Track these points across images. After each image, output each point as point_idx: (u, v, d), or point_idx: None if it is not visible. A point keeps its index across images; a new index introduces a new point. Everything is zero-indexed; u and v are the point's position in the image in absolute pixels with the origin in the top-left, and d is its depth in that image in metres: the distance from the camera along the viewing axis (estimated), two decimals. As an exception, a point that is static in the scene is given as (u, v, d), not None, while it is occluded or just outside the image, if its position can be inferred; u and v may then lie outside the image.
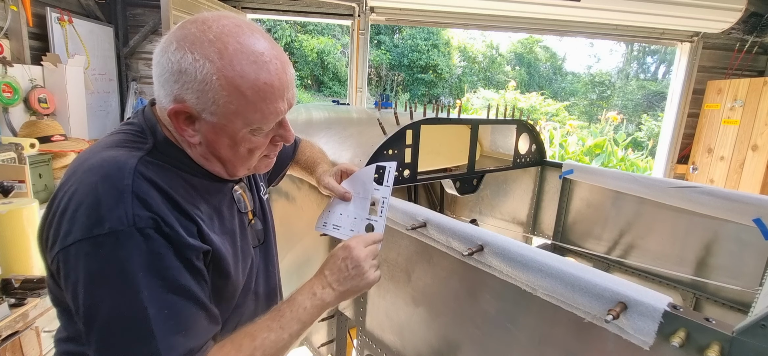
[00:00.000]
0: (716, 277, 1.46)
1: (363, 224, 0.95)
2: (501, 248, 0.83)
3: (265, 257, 0.92)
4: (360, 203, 0.98)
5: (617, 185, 1.68)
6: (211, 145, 0.70)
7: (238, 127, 0.67)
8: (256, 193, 0.93)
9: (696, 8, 3.53)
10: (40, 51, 2.88)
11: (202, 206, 0.72)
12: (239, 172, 0.76)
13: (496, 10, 3.82)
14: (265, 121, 0.68)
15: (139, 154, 0.66)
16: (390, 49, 12.79)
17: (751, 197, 1.33)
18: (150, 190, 0.62)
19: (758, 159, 3.58)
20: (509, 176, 2.09)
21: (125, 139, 0.69)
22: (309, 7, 3.76)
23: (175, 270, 0.62)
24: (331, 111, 1.86)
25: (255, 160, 0.75)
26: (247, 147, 0.71)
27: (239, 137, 0.68)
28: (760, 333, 0.53)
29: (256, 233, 0.89)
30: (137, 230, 0.58)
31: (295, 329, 0.73)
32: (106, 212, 0.58)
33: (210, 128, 0.67)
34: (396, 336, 1.20)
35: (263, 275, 0.91)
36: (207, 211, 0.73)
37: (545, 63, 15.05)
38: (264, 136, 0.72)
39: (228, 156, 0.72)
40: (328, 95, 12.12)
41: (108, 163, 0.62)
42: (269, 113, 0.67)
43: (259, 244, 0.89)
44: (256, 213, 0.91)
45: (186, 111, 0.66)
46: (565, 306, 0.73)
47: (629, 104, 12.94)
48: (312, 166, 1.16)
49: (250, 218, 0.87)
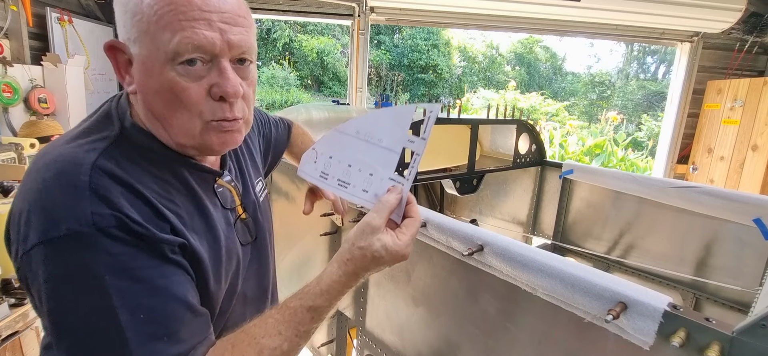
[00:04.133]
0: (716, 277, 1.46)
1: (384, 185, 0.70)
2: (501, 248, 0.83)
3: (258, 257, 0.83)
4: (380, 154, 0.71)
5: (617, 185, 1.68)
6: (143, 93, 0.60)
7: (155, 56, 0.57)
8: (250, 187, 0.83)
9: (696, 8, 3.53)
10: (40, 51, 2.87)
11: (179, 200, 0.63)
12: (181, 137, 0.62)
13: (496, 10, 3.82)
14: (177, 44, 0.56)
15: (102, 145, 0.58)
16: (390, 49, 12.79)
17: (751, 197, 1.33)
18: (112, 185, 0.54)
19: (758, 159, 3.58)
20: (509, 176, 2.09)
21: (89, 128, 0.61)
22: (309, 7, 3.76)
23: (150, 269, 0.54)
24: (331, 111, 1.86)
25: (195, 120, 0.61)
26: (176, 93, 0.58)
27: (162, 74, 0.57)
28: (760, 333, 0.53)
29: (247, 230, 0.79)
30: (99, 230, 0.51)
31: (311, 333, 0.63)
32: (62, 212, 0.51)
33: (140, 65, 0.59)
34: (396, 336, 1.20)
35: (254, 276, 0.82)
36: (186, 207, 0.64)
37: (545, 63, 15.06)
38: (193, 79, 0.58)
39: (159, 109, 0.60)
40: (328, 95, 12.13)
41: (64, 158, 0.55)
42: (181, 30, 0.56)
43: (250, 241, 0.79)
44: (248, 209, 0.80)
45: (115, 45, 0.60)
46: (565, 306, 0.73)
47: (629, 104, 12.95)
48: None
49: (239, 214, 0.77)
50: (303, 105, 2.08)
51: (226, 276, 0.70)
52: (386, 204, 0.66)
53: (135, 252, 0.54)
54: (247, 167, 0.85)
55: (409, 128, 0.69)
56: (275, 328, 0.60)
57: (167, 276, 0.56)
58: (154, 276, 0.55)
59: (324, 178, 0.73)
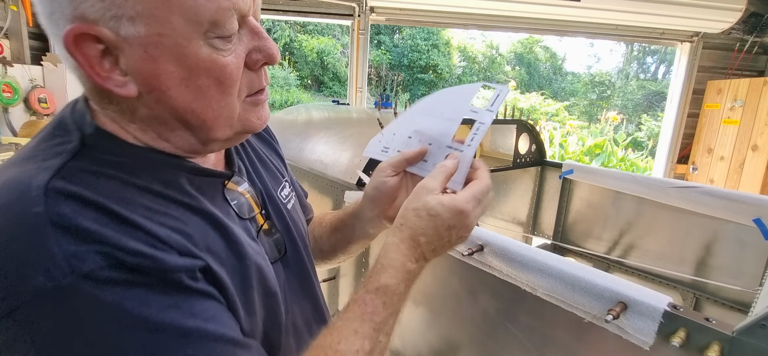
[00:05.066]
0: (716, 277, 1.46)
1: (442, 153, 0.67)
2: (501, 248, 0.83)
3: (298, 275, 0.66)
4: (441, 125, 0.68)
5: (617, 185, 1.68)
6: (154, 88, 0.44)
7: (183, 32, 0.42)
8: (272, 191, 0.66)
9: (696, 8, 3.53)
10: (40, 51, 2.87)
11: (181, 214, 0.47)
12: (218, 131, 0.49)
13: (496, 10, 3.82)
14: (216, 10, 0.43)
15: (57, 163, 0.42)
16: (390, 49, 12.80)
17: (751, 197, 1.33)
18: (80, 211, 0.39)
19: (758, 159, 3.58)
20: (509, 176, 2.09)
21: (37, 146, 0.45)
22: (309, 7, 3.76)
23: (170, 310, 0.40)
24: (331, 111, 1.86)
25: (236, 103, 0.49)
26: (217, 75, 0.45)
27: (191, 52, 0.43)
28: (760, 333, 0.53)
29: (274, 244, 0.62)
30: (84, 277, 0.36)
31: (391, 324, 0.54)
32: (21, 267, 0.36)
33: (142, 52, 0.42)
34: (396, 336, 1.20)
35: (298, 298, 0.65)
36: (192, 222, 0.48)
37: (545, 63, 15.06)
38: (230, 52, 0.46)
39: (187, 103, 0.46)
40: (328, 95, 12.13)
41: (8, 188, 0.40)
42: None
43: (278, 257, 0.62)
44: (273, 217, 0.64)
45: (91, 33, 0.40)
46: (565, 306, 0.73)
47: (629, 104, 12.95)
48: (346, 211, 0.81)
49: (260, 223, 0.60)
50: (303, 105, 2.08)
51: (262, 303, 0.54)
52: (442, 168, 0.61)
53: (143, 294, 0.39)
54: (259, 167, 0.68)
55: (473, 103, 0.69)
56: (349, 328, 0.50)
57: (196, 313, 0.42)
58: (179, 318, 0.40)
59: (385, 151, 0.71)
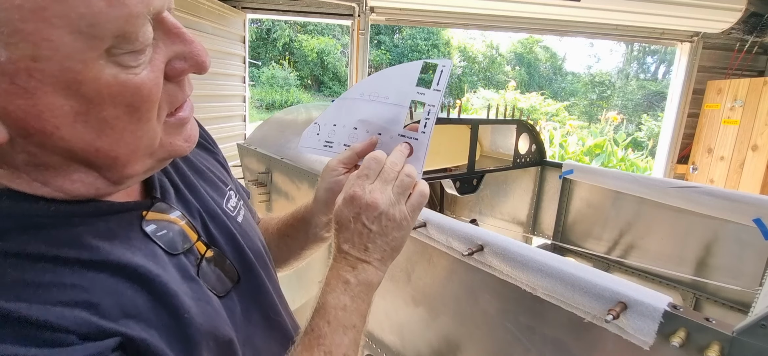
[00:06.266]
0: (716, 277, 1.46)
1: (395, 142, 0.61)
2: (501, 248, 0.83)
3: (258, 300, 0.56)
4: (387, 111, 0.62)
5: (617, 185, 1.68)
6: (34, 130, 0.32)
7: (72, 52, 0.30)
8: (214, 207, 0.55)
9: (696, 8, 3.52)
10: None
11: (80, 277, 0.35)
12: (136, 165, 0.39)
13: (496, 10, 3.82)
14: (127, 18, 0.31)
15: None
16: (390, 49, 12.81)
17: (751, 197, 1.33)
18: None
19: (758, 159, 3.58)
20: (509, 176, 2.09)
21: None
22: (309, 7, 3.76)
23: None
24: (331, 111, 1.86)
25: (156, 128, 0.38)
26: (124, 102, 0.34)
27: (89, 78, 0.31)
28: (760, 333, 0.53)
29: (223, 272, 0.51)
30: None
31: (346, 342, 0.48)
32: None
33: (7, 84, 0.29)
34: (396, 336, 1.20)
35: (260, 327, 0.56)
36: (98, 282, 0.36)
37: (545, 63, 15.07)
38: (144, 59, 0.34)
39: (88, 140, 0.34)
40: (328, 95, 12.14)
41: None
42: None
43: (232, 286, 0.52)
44: (213, 240, 0.52)
45: None
46: (565, 306, 0.73)
47: (629, 104, 12.95)
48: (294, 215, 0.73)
49: (201, 252, 0.49)
50: (303, 105, 2.08)
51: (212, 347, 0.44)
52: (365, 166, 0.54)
53: None
54: (194, 181, 0.55)
55: (417, 84, 0.63)
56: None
57: None
58: None
59: (328, 147, 0.65)
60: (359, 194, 0.50)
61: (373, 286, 0.52)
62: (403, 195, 0.53)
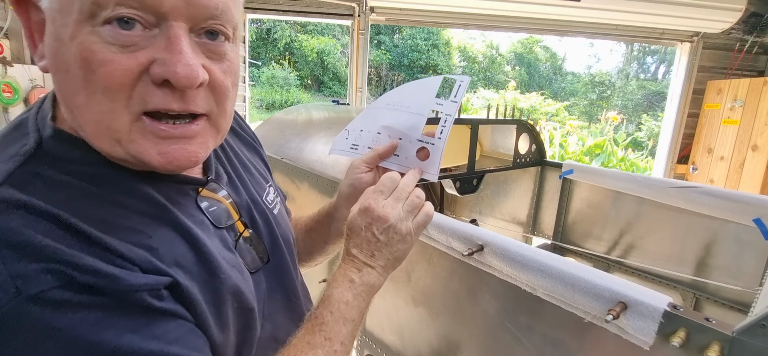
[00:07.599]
0: (716, 277, 1.46)
1: (414, 147, 0.70)
2: (501, 248, 0.83)
3: (280, 283, 0.63)
4: (408, 119, 0.71)
5: (617, 185, 1.68)
6: (52, 70, 0.42)
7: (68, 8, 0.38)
8: (256, 195, 0.63)
9: (696, 8, 3.53)
10: (40, 51, 2.88)
11: (146, 226, 0.44)
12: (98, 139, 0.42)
13: (496, 10, 3.82)
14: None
15: (8, 167, 0.39)
16: (390, 49, 12.81)
17: (751, 197, 1.33)
18: (31, 223, 0.36)
19: (758, 159, 3.58)
20: (509, 176, 2.09)
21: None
22: (309, 7, 3.76)
23: (129, 335, 0.37)
24: (331, 111, 1.86)
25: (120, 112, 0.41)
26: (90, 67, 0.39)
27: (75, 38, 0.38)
28: (760, 333, 0.53)
29: (254, 251, 0.59)
30: (30, 300, 0.33)
31: (344, 332, 0.53)
32: None
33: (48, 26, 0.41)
34: (396, 336, 1.20)
35: (282, 308, 0.63)
36: (159, 233, 0.44)
37: (545, 63, 15.06)
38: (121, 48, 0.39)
39: (69, 94, 0.41)
40: (328, 95, 12.14)
41: None
42: None
43: (260, 266, 0.59)
44: (253, 224, 0.61)
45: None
46: (565, 306, 0.73)
47: (629, 104, 12.95)
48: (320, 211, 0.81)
49: (240, 231, 0.57)
50: (303, 105, 2.08)
51: (236, 319, 0.51)
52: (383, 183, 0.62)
53: (98, 317, 0.36)
54: (241, 172, 0.65)
55: (437, 96, 0.71)
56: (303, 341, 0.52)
57: (159, 335, 0.39)
58: (138, 342, 0.37)
59: (355, 149, 0.74)
60: (373, 207, 0.58)
61: (375, 289, 0.59)
62: (412, 213, 0.60)
